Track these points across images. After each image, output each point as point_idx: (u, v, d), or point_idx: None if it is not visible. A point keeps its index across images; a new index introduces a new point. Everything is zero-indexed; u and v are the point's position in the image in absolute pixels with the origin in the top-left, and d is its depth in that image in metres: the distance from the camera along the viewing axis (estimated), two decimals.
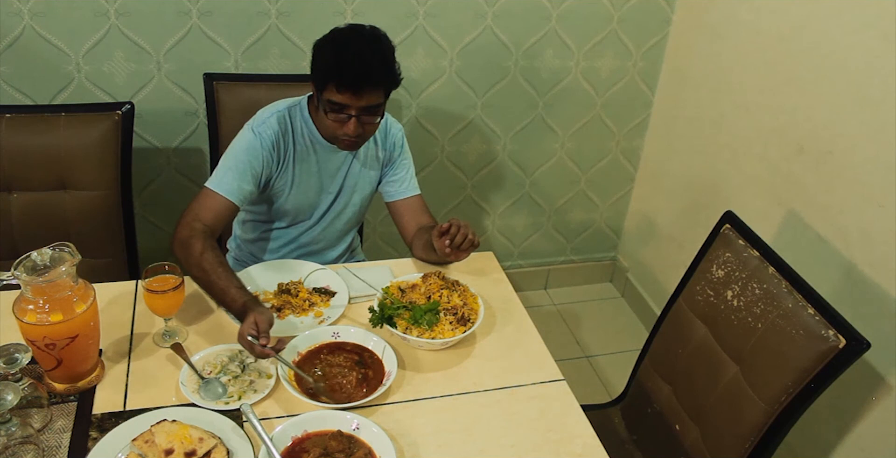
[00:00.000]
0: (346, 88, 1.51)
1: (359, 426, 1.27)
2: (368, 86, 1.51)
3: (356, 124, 1.56)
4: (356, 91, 1.51)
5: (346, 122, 1.56)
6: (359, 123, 1.57)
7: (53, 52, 2.04)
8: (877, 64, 1.70)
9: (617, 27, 2.43)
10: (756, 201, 2.15)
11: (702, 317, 1.58)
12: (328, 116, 1.57)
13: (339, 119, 1.57)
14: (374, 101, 1.55)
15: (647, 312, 2.80)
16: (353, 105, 1.53)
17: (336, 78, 1.51)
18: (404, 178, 1.82)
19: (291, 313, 1.55)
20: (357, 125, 1.57)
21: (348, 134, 1.58)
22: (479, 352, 1.51)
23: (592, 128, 2.64)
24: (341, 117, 1.56)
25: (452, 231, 1.57)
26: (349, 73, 1.50)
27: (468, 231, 1.58)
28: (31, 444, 1.18)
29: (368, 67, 1.50)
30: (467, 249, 1.60)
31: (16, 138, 1.75)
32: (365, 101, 1.53)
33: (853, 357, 1.27)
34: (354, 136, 1.59)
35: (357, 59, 1.50)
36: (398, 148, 1.81)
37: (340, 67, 1.50)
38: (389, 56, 1.56)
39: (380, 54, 1.53)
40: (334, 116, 1.57)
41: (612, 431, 1.76)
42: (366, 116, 1.57)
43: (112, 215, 1.88)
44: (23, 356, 1.18)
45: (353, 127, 1.56)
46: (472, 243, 1.60)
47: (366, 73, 1.50)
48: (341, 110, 1.55)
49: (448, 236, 1.57)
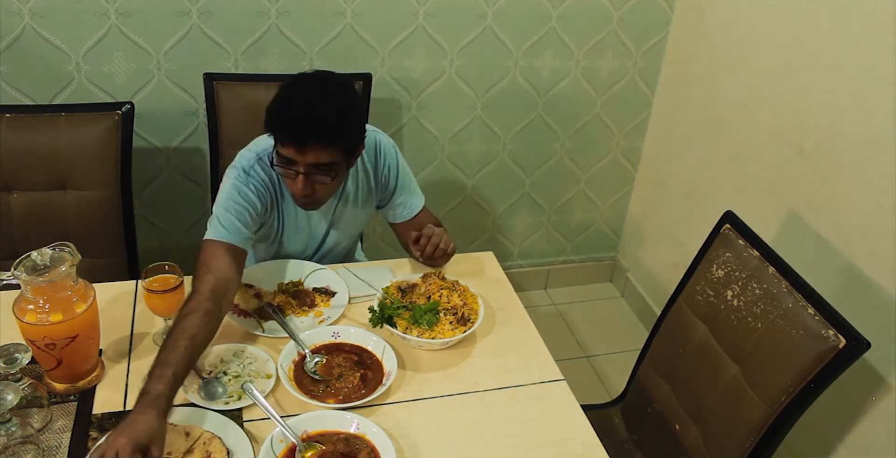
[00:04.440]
0: (289, 142, 1.40)
1: (359, 426, 1.27)
2: (314, 142, 1.39)
3: (304, 183, 1.44)
4: (299, 146, 1.39)
5: (294, 178, 1.45)
6: (307, 180, 1.44)
7: (53, 52, 2.04)
8: (877, 64, 1.70)
9: (617, 27, 2.43)
10: (756, 201, 2.15)
11: (702, 317, 1.58)
12: (275, 169, 1.47)
13: (288, 174, 1.46)
14: (323, 158, 1.41)
15: (647, 312, 2.80)
16: (300, 161, 1.41)
17: (279, 129, 1.41)
18: (406, 200, 1.74)
19: (291, 313, 1.55)
20: (305, 183, 1.44)
21: (296, 192, 1.48)
22: (479, 352, 1.51)
23: (592, 128, 2.64)
24: (289, 173, 1.45)
25: (422, 243, 1.60)
26: (292, 127, 1.39)
27: (439, 240, 1.60)
28: (31, 444, 1.18)
29: (314, 122, 1.37)
30: (441, 257, 1.63)
31: (16, 138, 1.75)
32: (312, 157, 1.40)
33: (853, 357, 1.27)
34: (302, 194, 1.47)
35: (303, 113, 1.38)
36: (394, 171, 1.70)
37: (284, 119, 1.40)
38: (347, 111, 1.43)
39: (334, 109, 1.40)
40: (282, 171, 1.46)
41: (612, 431, 1.76)
42: (316, 174, 1.44)
43: (112, 215, 1.88)
44: (23, 356, 1.18)
45: (301, 185, 1.44)
46: (444, 252, 1.61)
47: (311, 128, 1.38)
48: (289, 165, 1.43)
49: (418, 247, 1.61)
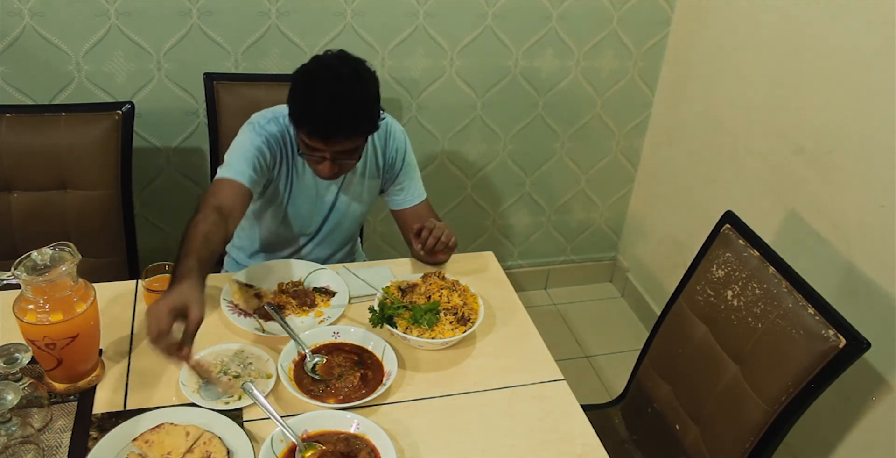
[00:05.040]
0: (316, 136, 1.46)
1: (359, 426, 1.27)
2: (339, 135, 1.46)
3: (330, 166, 1.52)
4: (327, 139, 1.46)
5: (321, 163, 1.53)
6: (333, 164, 1.53)
7: (53, 52, 2.04)
8: (877, 64, 1.70)
9: (617, 27, 2.43)
10: (756, 201, 2.15)
11: (702, 317, 1.59)
12: (301, 155, 1.55)
13: (314, 159, 1.54)
14: (348, 146, 1.50)
15: (647, 312, 2.80)
16: (327, 149, 1.49)
17: (306, 125, 1.46)
18: (409, 186, 1.79)
19: (292, 313, 1.55)
20: (332, 166, 1.53)
21: (322, 175, 1.56)
22: (479, 352, 1.51)
23: (592, 128, 2.64)
24: (315, 158, 1.53)
25: (423, 235, 1.60)
26: (319, 123, 1.45)
27: (440, 233, 1.60)
28: (32, 444, 1.18)
29: (340, 118, 1.43)
30: (442, 251, 1.62)
31: (16, 138, 1.75)
32: (339, 146, 1.49)
33: (853, 357, 1.27)
34: (329, 175, 1.56)
35: (328, 109, 1.43)
36: (401, 155, 1.76)
37: (310, 115, 1.45)
38: (367, 99, 1.48)
39: (354, 100, 1.45)
40: (308, 157, 1.54)
41: (612, 431, 1.76)
42: (342, 158, 1.53)
43: (112, 215, 1.88)
44: (23, 356, 1.18)
45: (327, 169, 1.53)
46: (446, 245, 1.61)
47: (336, 123, 1.44)
48: (315, 152, 1.51)
49: (419, 240, 1.60)
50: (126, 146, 1.84)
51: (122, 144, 1.83)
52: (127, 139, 1.84)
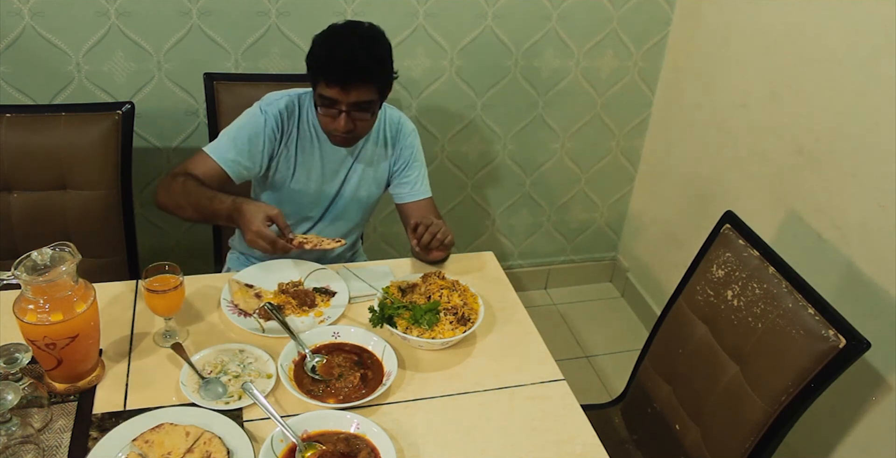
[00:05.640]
0: (334, 83, 1.53)
1: (359, 426, 1.27)
2: (357, 81, 1.53)
3: (346, 120, 1.59)
4: (344, 86, 1.53)
5: (337, 117, 1.59)
6: (349, 118, 1.59)
7: (53, 52, 2.04)
8: (877, 64, 1.70)
9: (617, 27, 2.43)
10: (756, 201, 2.15)
11: (702, 317, 1.59)
12: (320, 110, 1.60)
13: (330, 114, 1.60)
14: (364, 96, 1.56)
15: (647, 312, 2.80)
16: (343, 100, 1.56)
17: (325, 72, 1.54)
18: (415, 180, 1.82)
19: (292, 313, 1.55)
20: (347, 120, 1.59)
21: (338, 129, 1.61)
22: (479, 352, 1.51)
23: (592, 128, 2.64)
24: (332, 112, 1.59)
25: (420, 231, 1.61)
26: (337, 68, 1.52)
27: (437, 230, 1.61)
28: (32, 444, 1.18)
29: (357, 63, 1.52)
30: (438, 248, 1.62)
31: (16, 138, 1.75)
32: (354, 96, 1.55)
33: (853, 357, 1.27)
34: (344, 131, 1.61)
35: (346, 55, 1.52)
36: (409, 149, 1.81)
37: (329, 62, 1.53)
38: (382, 53, 1.58)
39: (371, 51, 1.55)
40: (325, 111, 1.60)
41: (612, 431, 1.76)
42: (356, 111, 1.59)
43: (112, 215, 1.88)
44: (23, 356, 1.19)
45: (343, 122, 1.59)
46: (441, 242, 1.61)
47: (354, 69, 1.52)
48: (332, 105, 1.57)
49: (415, 236, 1.61)
50: (126, 146, 1.84)
51: (122, 144, 1.83)
52: (127, 139, 1.84)
